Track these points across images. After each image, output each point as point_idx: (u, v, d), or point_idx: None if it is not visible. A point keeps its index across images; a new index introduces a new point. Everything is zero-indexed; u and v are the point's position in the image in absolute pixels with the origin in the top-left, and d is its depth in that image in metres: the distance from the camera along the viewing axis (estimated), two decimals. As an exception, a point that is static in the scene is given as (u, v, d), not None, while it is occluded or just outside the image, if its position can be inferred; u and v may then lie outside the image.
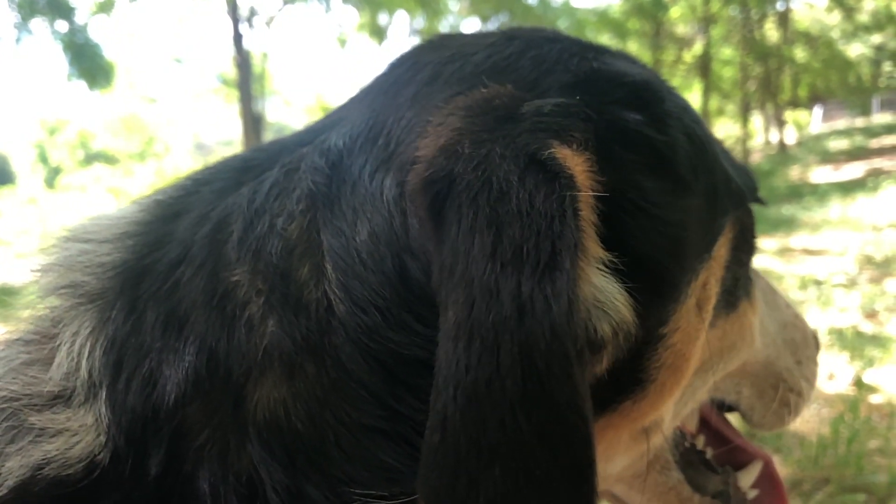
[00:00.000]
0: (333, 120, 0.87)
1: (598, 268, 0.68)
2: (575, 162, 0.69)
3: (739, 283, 1.00)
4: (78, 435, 0.71)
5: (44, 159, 45.17)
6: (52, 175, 43.04)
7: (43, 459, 0.70)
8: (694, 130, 0.89)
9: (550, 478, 0.59)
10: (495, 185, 0.67)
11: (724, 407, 1.14)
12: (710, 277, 0.89)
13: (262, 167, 0.83)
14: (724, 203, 0.91)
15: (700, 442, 1.13)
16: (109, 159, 40.59)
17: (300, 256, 0.73)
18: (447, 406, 0.61)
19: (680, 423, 1.05)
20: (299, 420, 0.69)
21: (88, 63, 13.41)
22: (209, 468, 0.69)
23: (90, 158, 42.06)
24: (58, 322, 0.78)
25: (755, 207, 1.05)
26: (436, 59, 0.86)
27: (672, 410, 0.92)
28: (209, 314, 0.73)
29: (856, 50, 24.00)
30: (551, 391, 0.59)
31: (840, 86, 25.68)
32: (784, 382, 1.16)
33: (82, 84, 14.03)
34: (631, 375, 0.80)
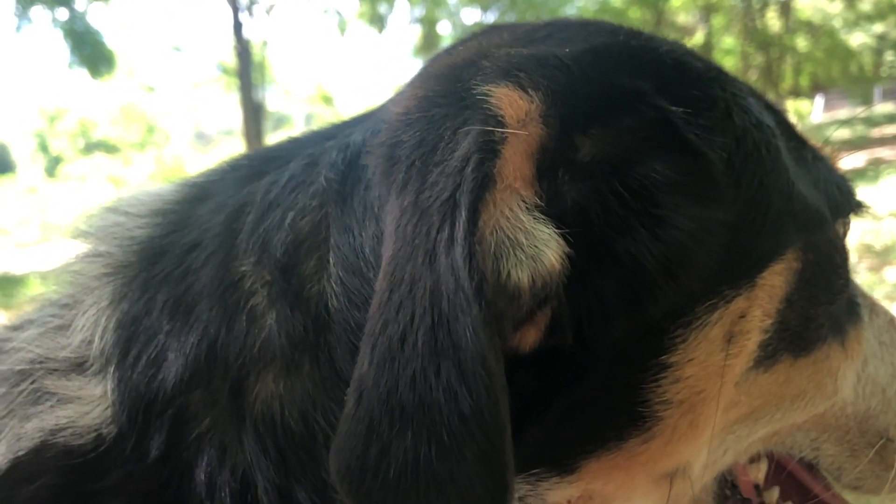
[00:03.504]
0: (367, 115, 0.86)
1: (526, 209, 0.63)
2: (515, 103, 0.64)
3: (815, 324, 0.85)
4: (89, 405, 0.72)
5: (44, 148, 45.05)
6: (53, 164, 42.93)
7: (56, 425, 0.71)
8: (751, 135, 0.78)
9: (461, 446, 0.55)
10: (429, 137, 0.64)
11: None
12: (753, 309, 0.78)
13: (285, 158, 0.83)
14: (781, 226, 0.79)
15: (772, 496, 0.98)
16: (110, 149, 40.43)
17: (308, 251, 0.73)
18: (363, 367, 0.58)
19: (739, 470, 0.94)
20: (292, 418, 0.69)
21: (90, 51, 13.36)
22: (208, 458, 0.69)
23: (90, 147, 41.91)
24: (85, 289, 0.79)
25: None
26: (473, 43, 0.83)
27: (705, 458, 0.82)
28: (215, 302, 0.73)
29: (858, 39, 23.89)
30: (458, 340, 0.56)
31: (842, 75, 25.56)
32: (891, 442, 0.97)
33: (83, 72, 13.98)
34: (624, 406, 0.73)
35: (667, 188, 0.70)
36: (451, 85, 0.68)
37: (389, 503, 0.55)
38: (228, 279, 0.74)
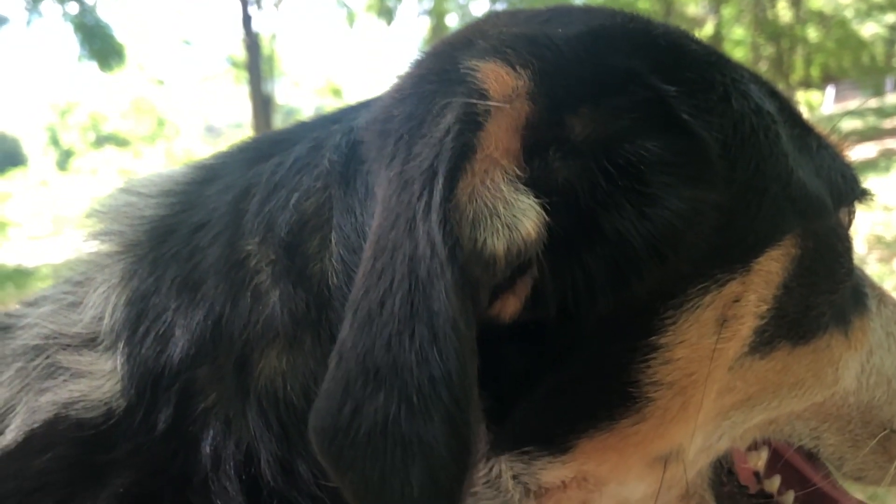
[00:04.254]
0: (373, 99, 0.88)
1: (508, 181, 0.64)
2: (501, 78, 0.65)
3: (815, 313, 0.85)
4: (100, 380, 0.74)
5: (55, 142, 45.19)
6: (64, 158, 43.08)
7: (69, 399, 0.73)
8: (749, 119, 0.79)
9: (429, 407, 0.56)
10: (418, 111, 0.66)
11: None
12: (748, 294, 0.78)
13: (292, 141, 0.84)
14: (779, 212, 0.80)
15: (772, 485, 0.98)
16: (120, 142, 40.56)
17: (311, 231, 0.75)
18: (345, 331, 0.60)
19: (737, 457, 0.94)
20: (294, 393, 0.70)
21: (100, 44, 13.38)
22: (213, 432, 0.70)
23: (101, 141, 42.03)
24: (97, 266, 0.82)
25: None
26: (474, 26, 0.84)
27: (699, 442, 0.83)
28: (221, 280, 0.75)
29: (870, 29, 23.69)
30: (432, 304, 0.57)
31: (853, 66, 25.35)
32: (894, 433, 0.97)
33: (93, 66, 14.01)
34: (614, 386, 0.74)
35: (657, 167, 0.71)
36: (443, 63, 0.70)
37: (359, 462, 0.56)
38: (234, 258, 0.75)
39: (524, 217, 0.64)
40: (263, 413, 0.70)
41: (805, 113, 0.91)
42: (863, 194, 0.93)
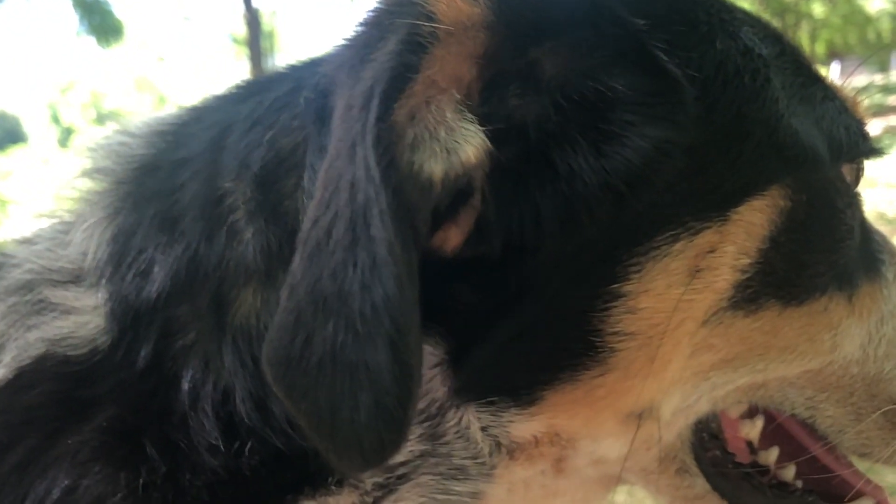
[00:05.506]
0: None
1: (454, 108, 0.62)
2: (454, 4, 0.64)
3: (810, 272, 0.81)
4: (86, 316, 0.75)
5: (56, 119, 45.14)
6: (65, 135, 43.07)
7: (57, 335, 0.74)
8: (734, 61, 0.76)
9: (373, 334, 0.56)
10: (369, 39, 0.65)
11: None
12: (725, 245, 0.75)
13: (279, 81, 0.85)
14: (762, 159, 0.76)
15: (768, 457, 0.94)
16: (121, 119, 40.60)
17: (288, 170, 0.74)
18: (296, 262, 0.60)
19: (726, 423, 0.91)
20: (266, 330, 0.69)
21: (99, 19, 13.37)
22: (192, 370, 0.71)
23: (102, 118, 41.98)
24: (87, 203, 0.82)
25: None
26: None
27: (676, 402, 0.80)
28: (198, 218, 0.75)
29: (876, 4, 23.52)
30: (371, 230, 0.56)
31: (859, 42, 25.19)
32: None
33: (92, 42, 13.98)
34: (575, 334, 0.73)
35: (621, 105, 0.68)
36: None
37: (311, 391, 0.57)
38: (212, 195, 0.75)
39: (465, 143, 0.63)
40: (238, 351, 0.70)
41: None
42: (869, 151, 0.89)
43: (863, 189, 0.93)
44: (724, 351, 0.79)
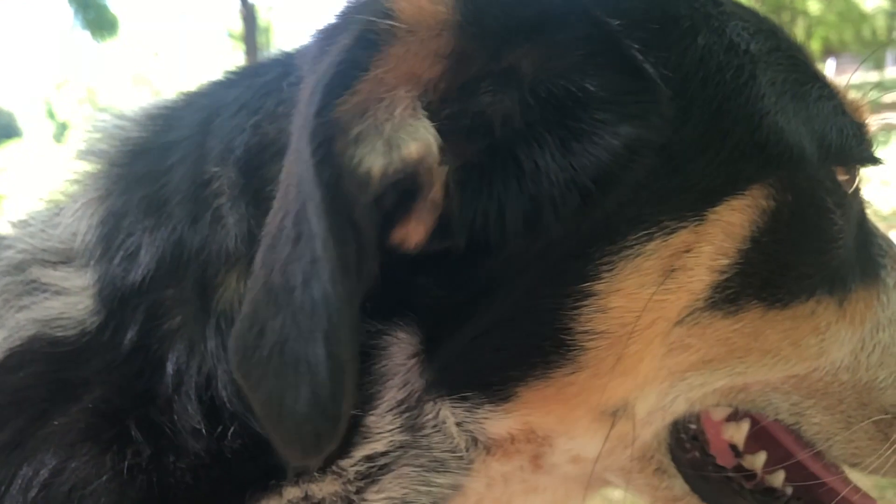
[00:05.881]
0: None
1: (408, 105, 0.63)
2: (417, 3, 0.63)
3: (796, 274, 0.79)
4: (75, 297, 0.75)
5: (51, 115, 45.00)
6: (61, 130, 42.94)
7: (47, 316, 0.75)
8: (716, 58, 0.74)
9: (313, 328, 0.57)
10: (330, 35, 0.65)
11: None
12: (702, 245, 0.74)
13: (271, 66, 0.85)
14: (742, 158, 0.75)
15: (755, 462, 0.92)
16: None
17: (273, 156, 0.74)
18: (257, 255, 0.61)
19: (708, 424, 0.89)
20: None
21: (93, 14, 13.37)
22: (177, 353, 0.71)
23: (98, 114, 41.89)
24: (81, 185, 0.83)
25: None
26: None
27: (651, 401, 0.79)
28: (184, 201, 0.75)
29: (871, 2, 23.54)
30: (311, 225, 0.57)
31: (854, 39, 25.23)
32: None
33: (87, 37, 13.99)
34: (545, 332, 0.72)
35: (592, 104, 0.68)
36: None
37: (263, 382, 0.58)
38: (198, 179, 0.76)
39: (410, 139, 0.63)
40: (222, 335, 0.71)
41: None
42: (863, 156, 0.86)
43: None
44: (702, 351, 0.78)
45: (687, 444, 0.89)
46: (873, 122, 0.90)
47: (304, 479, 0.72)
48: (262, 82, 0.81)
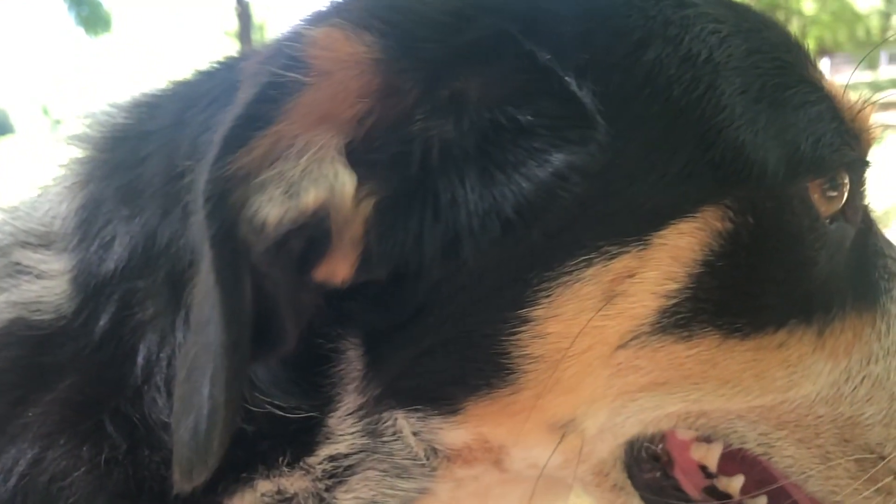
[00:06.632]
0: None
1: (313, 148, 0.63)
2: (335, 44, 0.63)
3: (760, 303, 0.74)
4: (54, 280, 0.76)
5: (46, 112, 44.82)
6: (55, 128, 42.73)
7: (27, 299, 0.75)
8: (666, 72, 0.70)
9: (204, 369, 0.60)
10: (247, 77, 0.67)
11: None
12: (646, 271, 0.71)
13: (248, 58, 0.83)
14: (691, 178, 0.71)
15: (730, 485, 0.86)
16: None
17: None
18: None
19: (672, 444, 0.86)
20: None
21: (87, 11, 13.41)
22: (148, 344, 0.72)
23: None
24: (68, 170, 0.84)
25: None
26: None
27: (601, 419, 0.77)
28: (156, 193, 0.76)
29: (865, 2, 23.57)
30: (207, 267, 0.60)
31: (848, 39, 25.24)
32: (882, 460, 0.80)
33: (82, 33, 14.01)
34: (483, 356, 0.72)
35: (524, 133, 0.67)
36: (292, 27, 0.69)
37: (176, 400, 0.63)
38: (171, 171, 0.76)
39: (313, 187, 0.63)
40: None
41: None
42: (843, 161, 0.78)
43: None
44: (653, 374, 0.75)
45: (646, 465, 0.85)
46: (875, 123, 0.85)
47: (275, 473, 0.73)
48: (235, 78, 0.81)
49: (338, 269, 0.68)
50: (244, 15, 18.25)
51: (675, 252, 0.71)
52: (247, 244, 0.62)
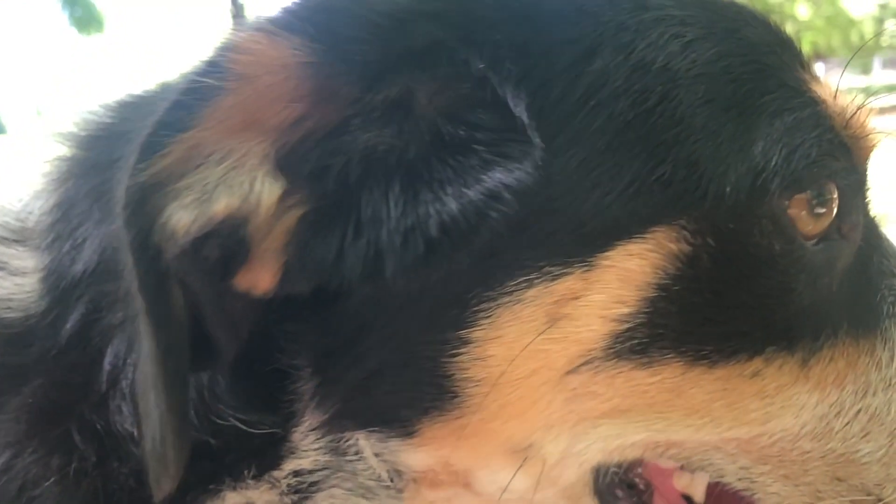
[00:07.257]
0: None
1: (232, 157, 0.62)
2: (261, 51, 0.61)
3: (727, 330, 0.70)
4: (27, 277, 0.75)
5: (39, 112, 44.75)
6: (47, 128, 42.70)
7: (1, 296, 0.75)
8: (612, 83, 0.66)
9: (146, 380, 0.62)
10: (173, 85, 0.69)
11: None
12: (592, 294, 0.68)
13: None
14: (638, 197, 0.67)
15: None
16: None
17: None
18: None
19: (651, 472, 0.83)
20: None
21: (81, 11, 13.49)
22: (115, 350, 0.70)
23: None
24: (48, 165, 0.84)
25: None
26: None
27: (562, 445, 0.74)
28: None
29: (859, 8, 23.66)
30: (129, 274, 0.60)
31: (842, 44, 25.32)
32: (879, 502, 0.75)
33: (75, 33, 14.09)
34: (427, 378, 0.70)
35: (457, 148, 0.64)
36: (225, 36, 0.67)
37: (143, 405, 0.63)
38: None
39: (226, 195, 0.61)
40: None
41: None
42: (825, 174, 0.72)
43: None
44: (614, 400, 0.71)
45: (618, 492, 0.81)
46: (872, 129, 0.80)
47: (241, 486, 0.72)
48: None
49: (259, 279, 0.66)
50: (238, 15, 18.25)
51: (624, 274, 0.68)
52: (160, 249, 0.62)
